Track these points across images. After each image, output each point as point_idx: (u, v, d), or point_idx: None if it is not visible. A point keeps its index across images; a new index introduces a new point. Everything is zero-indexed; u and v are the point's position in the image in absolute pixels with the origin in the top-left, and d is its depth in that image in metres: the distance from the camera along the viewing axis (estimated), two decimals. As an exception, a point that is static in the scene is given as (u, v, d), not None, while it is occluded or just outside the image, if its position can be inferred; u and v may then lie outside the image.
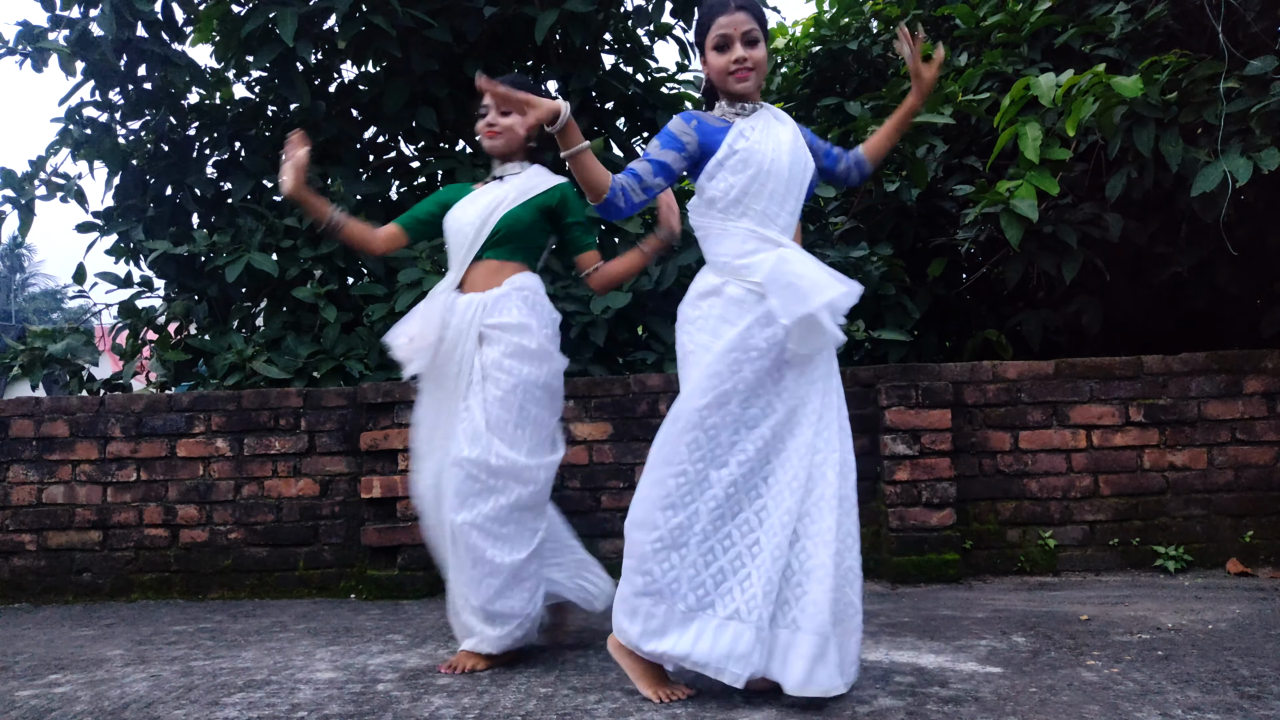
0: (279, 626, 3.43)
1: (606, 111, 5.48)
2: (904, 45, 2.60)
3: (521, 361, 2.68)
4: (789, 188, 2.38)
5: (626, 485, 4.10)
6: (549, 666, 2.69)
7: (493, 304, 2.72)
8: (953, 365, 4.13)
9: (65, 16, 4.92)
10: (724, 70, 2.39)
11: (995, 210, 4.17)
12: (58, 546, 4.19)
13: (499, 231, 2.77)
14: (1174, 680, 2.35)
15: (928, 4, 6.13)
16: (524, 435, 2.67)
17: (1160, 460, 4.06)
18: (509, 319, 2.70)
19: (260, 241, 4.72)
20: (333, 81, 5.57)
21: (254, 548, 4.16)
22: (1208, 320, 4.95)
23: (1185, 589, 3.63)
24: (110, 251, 5.30)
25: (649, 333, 4.68)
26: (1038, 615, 3.18)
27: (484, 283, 2.77)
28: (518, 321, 2.70)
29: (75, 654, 3.04)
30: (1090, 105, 3.90)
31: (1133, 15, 4.56)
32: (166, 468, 4.20)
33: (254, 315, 5.21)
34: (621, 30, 5.74)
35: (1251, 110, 3.80)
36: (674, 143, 2.38)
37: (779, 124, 2.46)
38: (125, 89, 5.17)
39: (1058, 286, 4.65)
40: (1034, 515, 4.07)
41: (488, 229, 2.76)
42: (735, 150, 2.36)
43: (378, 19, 4.61)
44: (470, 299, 2.74)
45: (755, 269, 2.30)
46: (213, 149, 5.41)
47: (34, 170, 5.08)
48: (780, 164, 2.37)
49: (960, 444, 4.05)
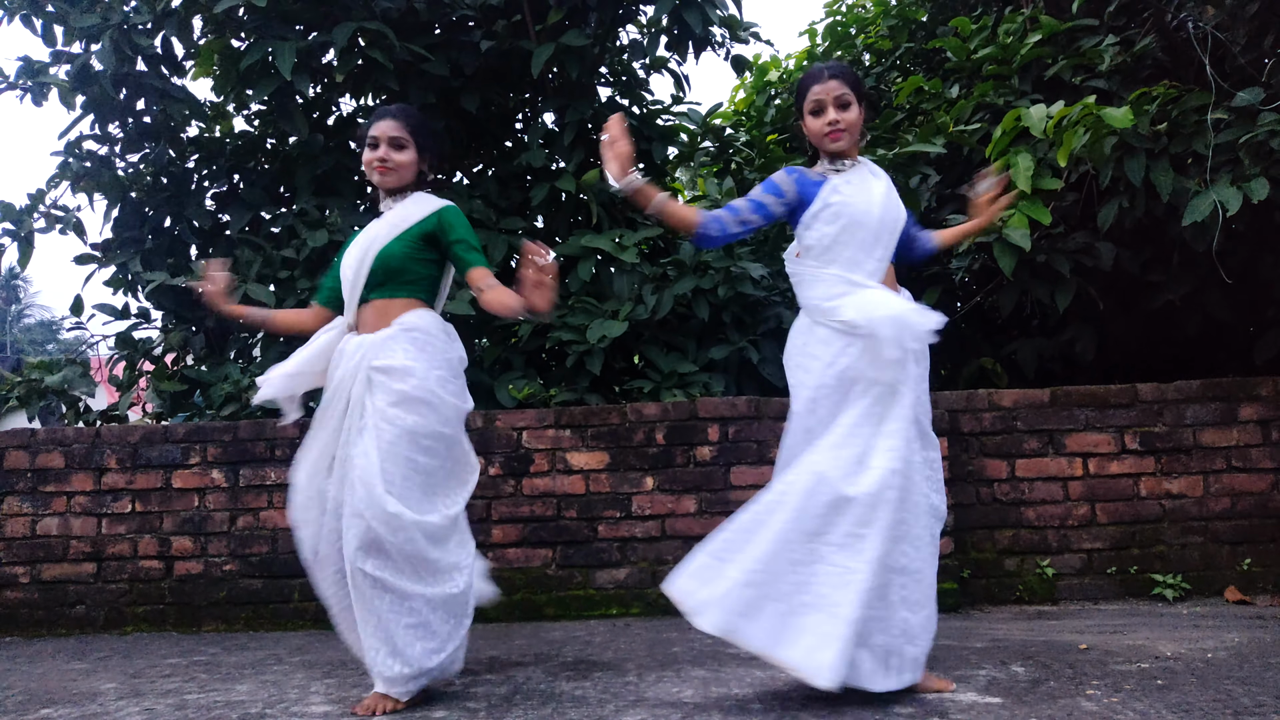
0: (274, 659, 3.40)
1: (603, 143, 5.52)
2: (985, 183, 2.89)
3: (405, 410, 2.55)
4: (878, 236, 2.60)
5: (623, 514, 4.09)
6: (546, 698, 2.67)
7: (377, 346, 2.61)
8: (948, 394, 4.14)
9: (66, 51, 4.97)
10: (819, 133, 2.62)
11: (989, 240, 4.20)
12: (51, 579, 4.17)
13: (376, 271, 2.68)
14: (1174, 709, 2.34)
15: (919, 38, 6.21)
16: (413, 487, 2.56)
17: (1157, 488, 4.07)
18: (393, 362, 2.57)
19: (257, 273, 4.73)
20: (331, 114, 5.62)
21: (249, 579, 4.13)
22: (1201, 348, 4.97)
23: (1184, 617, 3.62)
24: (108, 283, 5.31)
25: (645, 361, 4.69)
26: (1036, 644, 3.17)
27: (373, 324, 2.68)
28: (401, 365, 2.57)
29: (68, 688, 3.01)
30: (1081, 136, 3.94)
31: (1122, 47, 4.62)
32: (162, 499, 4.18)
33: (250, 346, 5.21)
34: (617, 64, 5.80)
35: (1240, 141, 3.84)
36: (774, 189, 2.63)
37: (873, 178, 2.68)
38: (125, 122, 5.21)
39: (1051, 315, 4.67)
40: (1032, 544, 4.07)
41: (365, 270, 2.69)
42: (829, 204, 2.59)
43: (375, 53, 4.66)
44: (359, 340, 2.65)
45: (842, 310, 2.53)
46: (211, 181, 5.44)
47: (33, 203, 5.10)
48: (870, 215, 2.59)
49: (957, 472, 4.05)
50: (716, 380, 4.48)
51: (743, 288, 4.68)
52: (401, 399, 2.55)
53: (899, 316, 2.47)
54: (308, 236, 4.71)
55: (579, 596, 4.08)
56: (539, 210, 5.25)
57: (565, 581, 4.08)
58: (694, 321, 4.72)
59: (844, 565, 2.39)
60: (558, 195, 5.15)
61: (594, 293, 4.81)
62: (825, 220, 2.58)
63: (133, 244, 5.22)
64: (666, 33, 5.39)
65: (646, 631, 3.69)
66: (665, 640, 3.49)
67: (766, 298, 4.89)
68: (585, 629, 3.80)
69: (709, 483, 4.10)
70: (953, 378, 5.29)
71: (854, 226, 2.57)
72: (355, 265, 2.73)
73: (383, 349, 2.61)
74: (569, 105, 5.12)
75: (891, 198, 2.66)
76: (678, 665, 3.04)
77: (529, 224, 5.18)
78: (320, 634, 3.95)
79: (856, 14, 6.69)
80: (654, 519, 4.09)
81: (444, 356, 2.68)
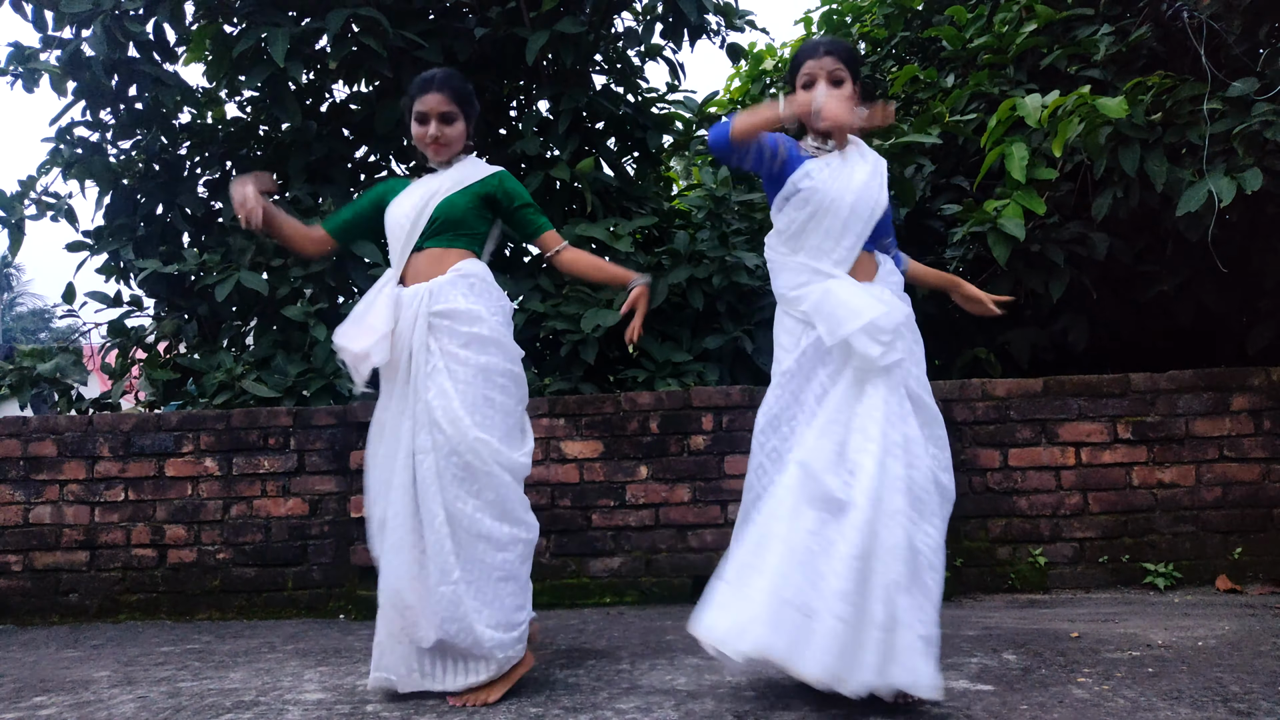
0: (267, 647, 3.41)
1: (597, 131, 5.51)
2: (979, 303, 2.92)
3: (476, 350, 2.58)
4: (847, 224, 2.49)
5: (617, 503, 4.09)
6: (540, 686, 2.68)
7: (438, 291, 2.61)
8: (942, 383, 4.14)
9: (57, 37, 4.93)
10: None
11: (983, 229, 4.20)
12: (44, 567, 4.16)
13: (436, 219, 2.68)
14: (1165, 697, 2.36)
15: (914, 27, 6.20)
16: (495, 423, 2.56)
17: (1149, 477, 4.08)
18: (457, 305, 2.59)
19: (250, 260, 4.72)
20: (324, 101, 5.59)
21: (242, 568, 4.13)
22: (1194, 338, 4.98)
23: (1175, 606, 3.64)
24: (100, 270, 5.28)
25: (639, 350, 4.69)
26: (1028, 633, 3.18)
27: (427, 272, 2.66)
28: (466, 309, 2.60)
29: (61, 676, 3.01)
30: (1076, 126, 3.94)
31: (1117, 37, 4.61)
32: (155, 487, 4.17)
33: (244, 334, 5.19)
34: (612, 51, 5.78)
35: (1234, 131, 3.84)
36: (772, 141, 2.51)
37: (859, 161, 2.57)
38: (116, 109, 5.18)
39: (1045, 305, 4.68)
40: (1024, 533, 4.08)
41: (424, 218, 2.68)
42: (799, 189, 2.51)
43: (369, 40, 4.64)
44: (415, 289, 2.63)
45: (803, 299, 2.49)
46: (204, 168, 5.41)
47: (24, 190, 5.08)
48: (840, 203, 2.48)
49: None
50: (711, 369, 4.48)
51: (737, 277, 4.67)
52: (471, 339, 2.58)
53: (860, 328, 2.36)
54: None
55: (572, 585, 4.09)
56: (533, 198, 5.23)
57: (559, 570, 4.09)
58: (688, 311, 4.72)
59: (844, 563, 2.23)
60: (552, 184, 5.14)
61: (588, 282, 4.80)
62: (795, 205, 2.51)
63: (125, 231, 5.19)
64: (662, 20, 5.37)
65: (640, 620, 3.70)
66: (659, 629, 3.50)
67: (761, 287, 4.89)
68: (579, 617, 3.81)
69: (703, 472, 4.10)
70: (946, 367, 5.30)
71: (821, 213, 2.49)
72: (412, 214, 2.69)
73: (443, 294, 2.61)
74: (564, 93, 5.10)
75: (872, 184, 2.54)
76: (671, 653, 3.05)
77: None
78: (314, 622, 3.95)
79: (852, 2, 6.67)
80: (648, 508, 4.10)
81: (499, 303, 2.70)
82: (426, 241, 2.69)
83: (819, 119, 2.39)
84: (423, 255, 2.69)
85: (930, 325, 5.33)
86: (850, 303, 2.41)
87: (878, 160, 2.63)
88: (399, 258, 2.71)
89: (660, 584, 4.07)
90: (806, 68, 2.54)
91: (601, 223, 4.81)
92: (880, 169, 2.61)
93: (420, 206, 2.70)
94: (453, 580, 2.47)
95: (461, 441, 2.50)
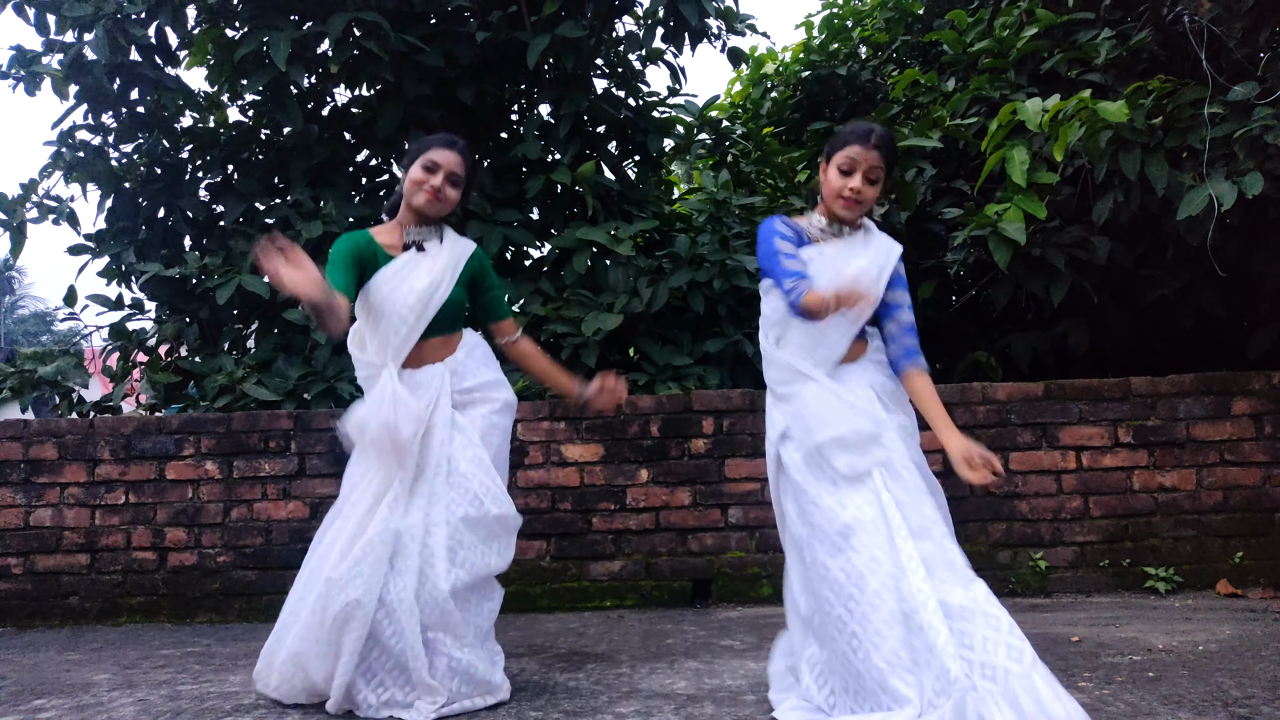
0: (268, 650, 3.40)
1: (598, 135, 5.52)
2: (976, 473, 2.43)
3: (503, 415, 2.74)
4: (833, 321, 2.36)
5: (618, 507, 4.09)
6: (540, 689, 2.68)
7: (461, 370, 2.70)
8: (943, 387, 4.14)
9: (59, 41, 4.94)
10: (836, 192, 2.42)
11: (984, 233, 4.20)
12: (45, 570, 4.16)
13: (442, 317, 2.69)
14: (1165, 702, 2.35)
15: (915, 31, 6.21)
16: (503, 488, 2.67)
17: (1150, 481, 4.08)
18: (484, 379, 2.72)
19: (252, 264, 4.72)
20: (326, 105, 5.60)
21: (243, 571, 4.13)
22: (1195, 342, 4.98)
23: (1176, 610, 3.63)
24: (102, 274, 5.29)
25: (640, 354, 4.69)
26: (1029, 637, 3.16)
27: (435, 355, 2.69)
28: (492, 378, 2.75)
29: (61, 679, 3.01)
30: (1077, 130, 3.94)
31: (1118, 41, 4.62)
32: (155, 490, 4.17)
33: (245, 337, 5.20)
34: (613, 55, 5.79)
35: (1235, 135, 3.84)
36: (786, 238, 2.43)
37: (862, 249, 2.45)
38: (118, 112, 5.19)
39: (1046, 308, 4.68)
40: (1025, 536, 4.08)
41: (431, 311, 2.66)
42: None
43: (370, 44, 4.64)
44: (431, 369, 2.66)
45: (788, 399, 2.44)
46: (205, 172, 5.42)
47: (26, 193, 5.09)
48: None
49: (951, 466, 4.05)
50: (711, 373, 4.48)
51: (738, 281, 4.67)
52: (504, 406, 2.74)
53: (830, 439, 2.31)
54: (302, 228, 4.70)
55: (573, 588, 4.09)
56: (534, 202, 5.24)
57: (559, 574, 4.09)
58: (689, 314, 4.72)
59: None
60: (553, 187, 5.14)
61: (589, 285, 4.81)
62: (779, 296, 2.42)
63: (126, 235, 5.20)
64: (663, 24, 5.38)
65: (640, 623, 3.70)
66: (659, 632, 3.50)
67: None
68: (579, 621, 3.81)
69: (703, 475, 4.10)
70: (947, 371, 5.30)
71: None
72: (417, 308, 2.63)
73: (468, 371, 2.71)
74: (565, 97, 5.11)
75: (868, 275, 2.38)
76: (671, 657, 3.05)
77: (524, 216, 5.17)
78: (314, 625, 3.95)
79: (853, 6, 6.68)
80: (648, 511, 4.10)
81: (498, 365, 2.84)
82: (432, 332, 2.69)
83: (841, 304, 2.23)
84: (431, 344, 2.69)
85: (931, 329, 5.34)
86: (821, 413, 2.35)
87: (884, 249, 2.47)
88: (404, 343, 2.64)
89: (660, 587, 4.07)
90: (849, 151, 2.40)
91: (602, 226, 4.81)
92: (880, 255, 2.45)
93: (426, 298, 2.65)
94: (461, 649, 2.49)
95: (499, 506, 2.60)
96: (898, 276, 2.49)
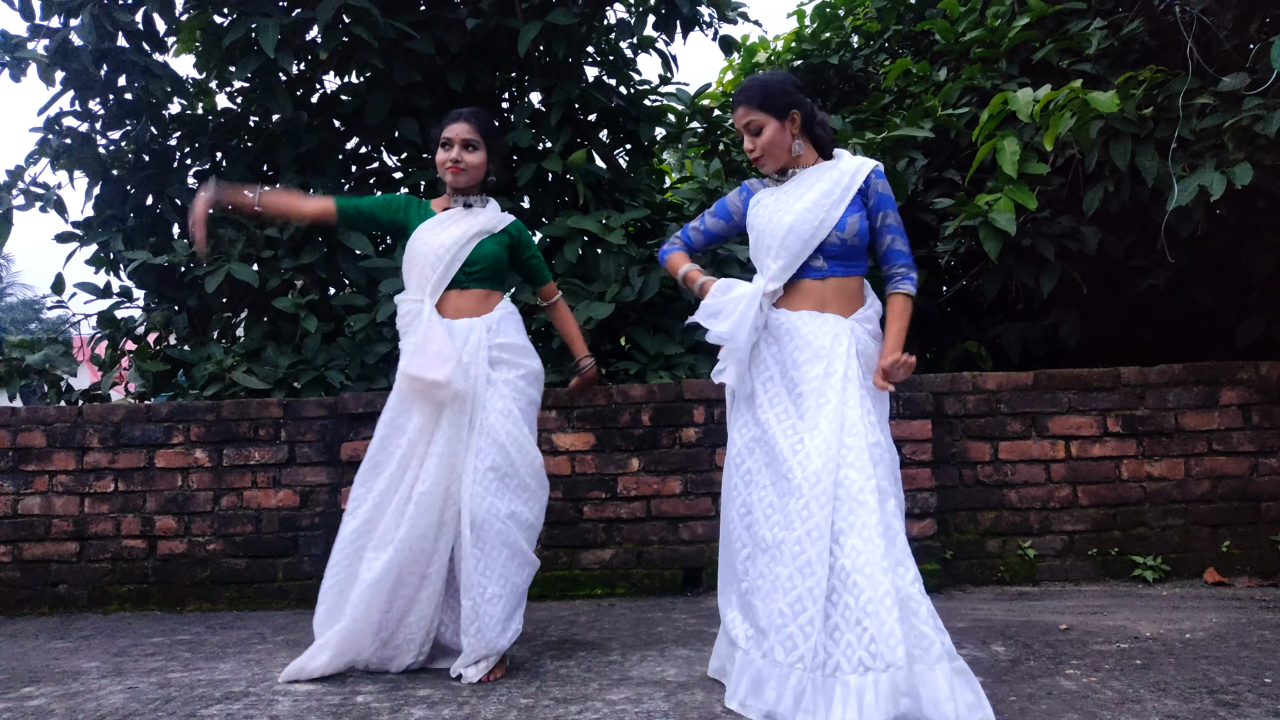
0: (258, 638, 3.40)
1: (590, 123, 5.50)
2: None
3: (529, 383, 2.88)
4: (783, 243, 2.51)
5: (609, 495, 4.10)
6: (530, 677, 2.68)
7: (495, 327, 2.85)
8: (933, 376, 4.16)
9: (45, 26, 4.89)
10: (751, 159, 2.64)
11: (974, 223, 4.20)
12: (33, 558, 4.15)
13: (477, 263, 2.87)
14: (1152, 689, 2.37)
15: (907, 20, 6.20)
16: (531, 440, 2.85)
17: (1138, 471, 4.10)
18: (515, 340, 2.88)
19: (241, 252, 4.70)
20: (315, 92, 5.56)
21: (233, 559, 4.12)
22: (1184, 332, 5.00)
23: (1163, 599, 3.66)
24: (90, 261, 5.26)
25: (631, 343, 4.69)
26: (1017, 625, 3.20)
27: (472, 309, 2.86)
28: (523, 344, 2.90)
29: (50, 666, 3.00)
30: (1068, 120, 3.94)
31: (1109, 32, 4.62)
32: (145, 478, 4.16)
33: (234, 325, 5.18)
34: (604, 43, 5.76)
35: (1225, 126, 3.85)
36: (724, 212, 2.76)
37: (816, 183, 2.56)
38: (105, 99, 5.14)
39: (1036, 299, 4.69)
40: (1014, 525, 4.10)
41: (463, 257, 2.85)
42: (751, 223, 2.65)
43: (360, 30, 4.61)
44: (466, 323, 2.83)
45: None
46: (193, 159, 5.38)
47: (12, 180, 5.04)
48: (777, 224, 2.53)
49: (940, 454, 4.08)
50: (703, 362, 4.48)
51: (729, 270, 4.67)
52: (529, 374, 2.89)
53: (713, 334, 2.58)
54: (292, 215, 4.67)
55: (564, 577, 4.09)
56: (525, 190, 5.23)
57: (550, 562, 4.09)
58: (680, 303, 4.72)
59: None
60: (544, 175, 5.13)
61: (580, 274, 4.80)
62: (750, 237, 2.65)
63: (114, 222, 5.17)
64: (654, 12, 5.36)
65: (631, 612, 3.71)
66: (649, 620, 3.51)
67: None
68: (570, 609, 3.81)
69: (694, 464, 4.11)
70: (937, 360, 5.31)
71: (759, 237, 2.59)
72: (452, 248, 2.84)
73: (500, 329, 2.87)
74: (556, 85, 5.09)
75: (820, 205, 2.49)
76: (661, 644, 3.06)
77: (515, 204, 5.15)
78: (304, 613, 3.95)
79: (845, -5, 6.66)
80: (639, 500, 4.10)
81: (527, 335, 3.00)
82: (471, 281, 2.87)
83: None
84: (466, 294, 2.87)
85: (921, 319, 5.35)
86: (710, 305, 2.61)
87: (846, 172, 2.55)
88: (435, 288, 2.84)
89: (651, 576, 4.08)
90: (735, 123, 2.64)
91: (594, 215, 4.80)
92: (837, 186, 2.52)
93: (459, 244, 2.85)
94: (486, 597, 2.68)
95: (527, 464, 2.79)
96: (881, 196, 2.58)
